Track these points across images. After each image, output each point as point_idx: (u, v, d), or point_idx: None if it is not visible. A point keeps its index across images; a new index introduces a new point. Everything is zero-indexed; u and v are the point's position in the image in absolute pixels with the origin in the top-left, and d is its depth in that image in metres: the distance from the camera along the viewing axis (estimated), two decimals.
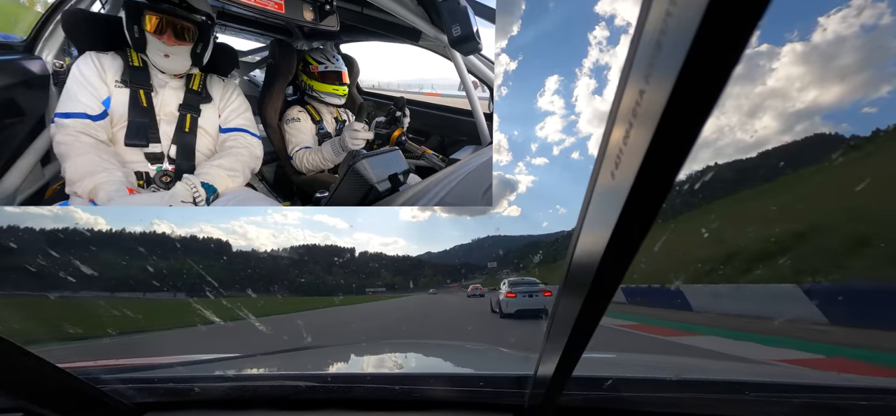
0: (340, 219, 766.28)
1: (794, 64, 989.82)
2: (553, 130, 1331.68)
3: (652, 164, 0.21)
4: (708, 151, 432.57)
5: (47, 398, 0.58)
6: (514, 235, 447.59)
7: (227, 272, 57.82)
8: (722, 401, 0.67)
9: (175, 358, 1.15)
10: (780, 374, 1.06)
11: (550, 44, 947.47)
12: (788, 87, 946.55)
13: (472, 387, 0.74)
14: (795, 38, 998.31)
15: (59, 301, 15.25)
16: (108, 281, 29.87)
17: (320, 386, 0.75)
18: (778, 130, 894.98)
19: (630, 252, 0.28)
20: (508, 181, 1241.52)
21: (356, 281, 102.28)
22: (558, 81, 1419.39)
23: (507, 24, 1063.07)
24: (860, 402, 0.65)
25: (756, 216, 21.09)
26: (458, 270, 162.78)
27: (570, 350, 0.42)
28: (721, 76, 0.19)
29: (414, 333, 7.74)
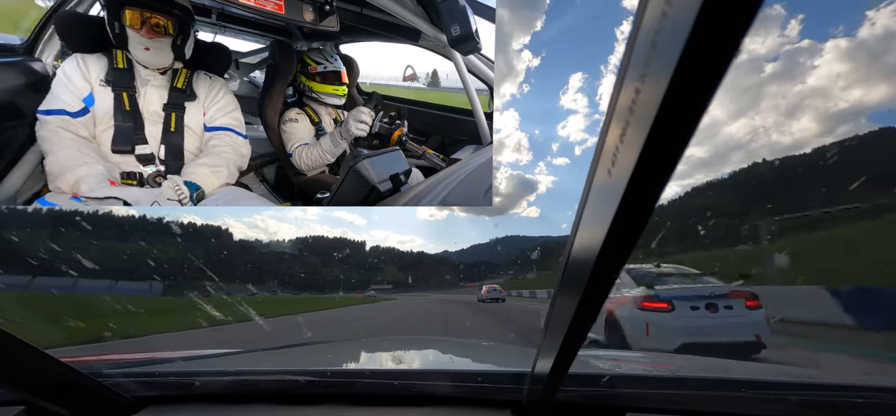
0: (345, 216, 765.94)
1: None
2: (576, 128, 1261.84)
3: (648, 161, 0.22)
4: None
5: (49, 392, 0.58)
6: (534, 235, 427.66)
7: (221, 272, 57.56)
8: (719, 398, 0.67)
9: (176, 353, 1.16)
10: (777, 372, 1.07)
11: (574, 40, 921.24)
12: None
13: (471, 383, 0.74)
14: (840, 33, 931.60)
15: (63, 296, 15.13)
16: (108, 277, 29.80)
17: (320, 381, 0.76)
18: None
19: (627, 249, 0.29)
20: (527, 181, 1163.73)
21: (355, 278, 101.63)
22: (582, 78, 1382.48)
23: (530, 18, 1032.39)
24: (857, 400, 0.65)
25: None
26: (470, 269, 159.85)
27: (568, 346, 0.43)
28: (716, 75, 0.19)
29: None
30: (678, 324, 3.53)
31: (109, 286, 27.55)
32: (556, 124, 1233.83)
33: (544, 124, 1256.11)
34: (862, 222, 18.35)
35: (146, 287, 28.61)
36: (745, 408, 0.65)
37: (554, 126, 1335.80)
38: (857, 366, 4.08)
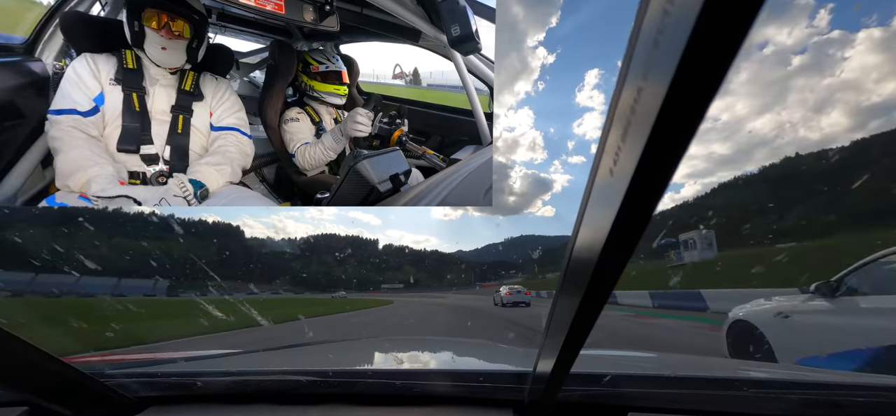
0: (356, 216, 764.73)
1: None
2: (592, 127, 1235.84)
3: (650, 161, 0.22)
4: None
5: (52, 392, 0.59)
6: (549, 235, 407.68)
7: (220, 268, 57.36)
8: (720, 397, 0.67)
9: (178, 353, 1.16)
10: (778, 371, 1.07)
11: (589, 37, 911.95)
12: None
13: (472, 383, 0.74)
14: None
15: (67, 299, 15.08)
16: (110, 277, 29.89)
17: (321, 381, 0.76)
18: None
19: (628, 249, 0.29)
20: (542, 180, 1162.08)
21: (358, 277, 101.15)
22: (599, 74, 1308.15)
23: (544, 15, 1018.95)
24: (858, 399, 0.65)
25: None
26: (491, 269, 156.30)
27: (569, 346, 0.43)
28: (718, 74, 0.19)
29: None
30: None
31: (114, 286, 27.59)
32: (571, 122, 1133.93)
33: (559, 122, 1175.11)
34: None
35: (150, 285, 28.69)
36: (747, 407, 0.65)
37: (569, 124, 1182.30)
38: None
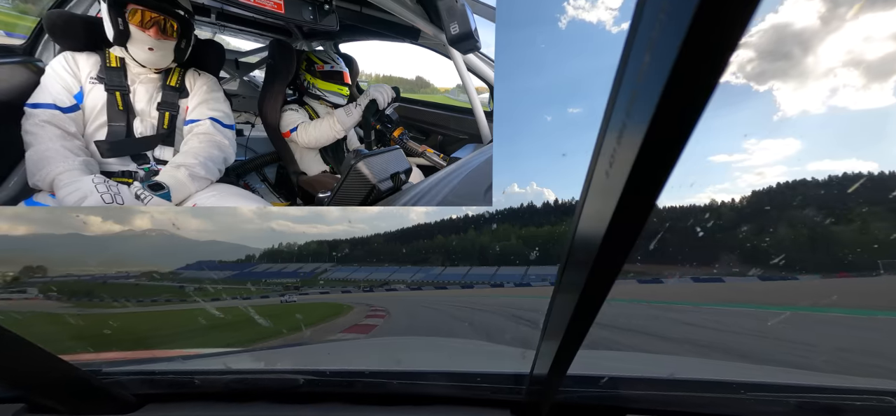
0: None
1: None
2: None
3: (645, 162, 0.22)
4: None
5: (50, 389, 0.59)
6: None
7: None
8: (717, 400, 0.67)
9: (176, 351, 1.16)
10: (776, 374, 1.07)
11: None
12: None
13: (470, 383, 0.74)
14: None
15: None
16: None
17: (319, 380, 0.76)
18: None
19: (624, 251, 0.29)
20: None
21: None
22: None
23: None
24: (855, 402, 0.65)
25: None
26: None
27: (567, 347, 0.43)
28: (713, 75, 0.19)
29: None
30: None
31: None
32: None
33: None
34: None
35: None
36: (744, 410, 0.65)
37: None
38: None
